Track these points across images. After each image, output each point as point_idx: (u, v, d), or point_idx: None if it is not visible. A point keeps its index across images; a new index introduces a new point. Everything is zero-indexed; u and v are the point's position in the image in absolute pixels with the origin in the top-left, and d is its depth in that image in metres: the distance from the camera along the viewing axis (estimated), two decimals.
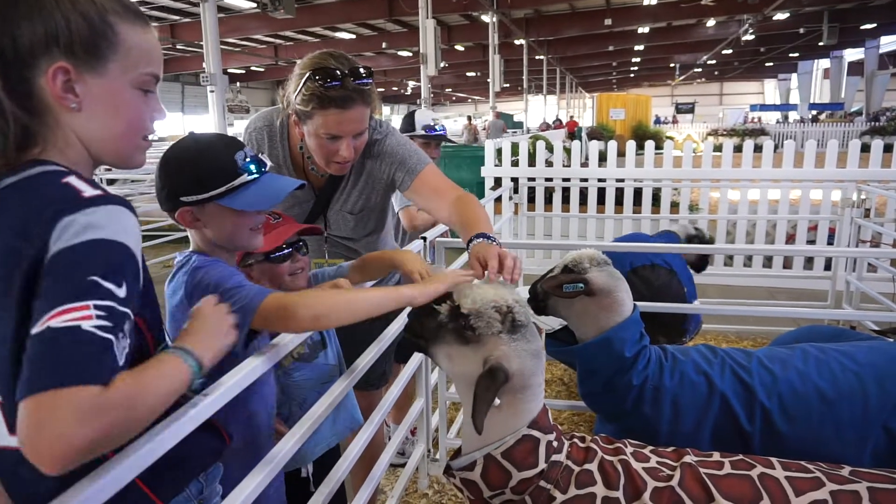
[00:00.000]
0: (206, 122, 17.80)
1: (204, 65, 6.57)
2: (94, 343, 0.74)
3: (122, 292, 0.79)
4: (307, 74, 1.65)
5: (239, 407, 1.42)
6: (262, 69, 31.09)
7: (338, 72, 1.65)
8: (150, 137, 1.02)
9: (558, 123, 25.25)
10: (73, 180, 0.86)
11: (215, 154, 1.29)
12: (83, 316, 0.74)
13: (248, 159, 1.31)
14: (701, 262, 3.25)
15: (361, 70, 1.69)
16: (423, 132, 2.87)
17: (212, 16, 6.47)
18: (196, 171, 1.27)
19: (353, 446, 1.64)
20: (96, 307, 0.75)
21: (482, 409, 1.22)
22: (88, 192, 0.84)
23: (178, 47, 22.61)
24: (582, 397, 1.91)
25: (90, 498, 0.72)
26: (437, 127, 3.02)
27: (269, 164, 1.36)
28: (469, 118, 22.85)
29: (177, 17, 19.49)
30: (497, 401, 1.26)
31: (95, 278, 0.77)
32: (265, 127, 1.94)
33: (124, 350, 0.78)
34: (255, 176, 1.31)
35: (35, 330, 0.73)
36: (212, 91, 6.59)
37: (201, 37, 6.54)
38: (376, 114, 1.86)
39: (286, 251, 1.61)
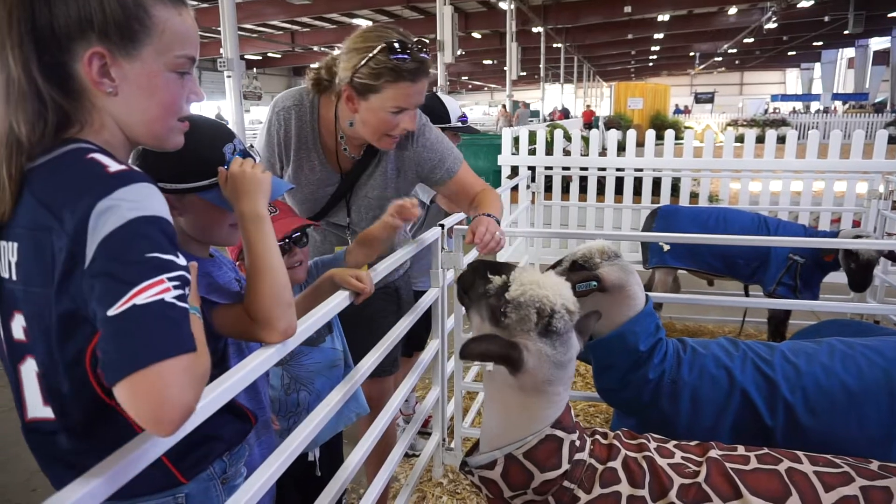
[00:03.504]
0: (223, 108, 17.82)
1: (221, 50, 6.57)
2: (179, 313, 0.78)
3: (181, 260, 0.82)
4: (378, 47, 1.66)
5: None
6: (278, 56, 31.08)
7: (408, 44, 1.68)
8: None
9: (559, 114, 24.75)
10: (97, 156, 0.85)
11: (202, 143, 1.16)
12: (163, 289, 0.77)
13: (236, 152, 1.20)
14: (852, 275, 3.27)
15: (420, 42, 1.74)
16: (459, 123, 2.83)
17: (229, 1, 6.45)
18: (179, 160, 1.13)
19: (368, 435, 1.63)
20: (170, 279, 0.78)
21: (479, 346, 1.23)
22: (114, 166, 0.84)
23: None
24: (599, 392, 1.88)
25: (122, 470, 0.75)
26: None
27: (258, 158, 1.25)
28: (503, 106, 22.73)
29: (195, 2, 19.55)
30: (490, 367, 1.27)
31: (156, 254, 0.79)
32: (294, 106, 1.91)
33: None
34: None
35: (116, 311, 0.74)
36: (229, 76, 6.60)
37: (219, 22, 6.54)
38: None
39: (285, 245, 1.58)
